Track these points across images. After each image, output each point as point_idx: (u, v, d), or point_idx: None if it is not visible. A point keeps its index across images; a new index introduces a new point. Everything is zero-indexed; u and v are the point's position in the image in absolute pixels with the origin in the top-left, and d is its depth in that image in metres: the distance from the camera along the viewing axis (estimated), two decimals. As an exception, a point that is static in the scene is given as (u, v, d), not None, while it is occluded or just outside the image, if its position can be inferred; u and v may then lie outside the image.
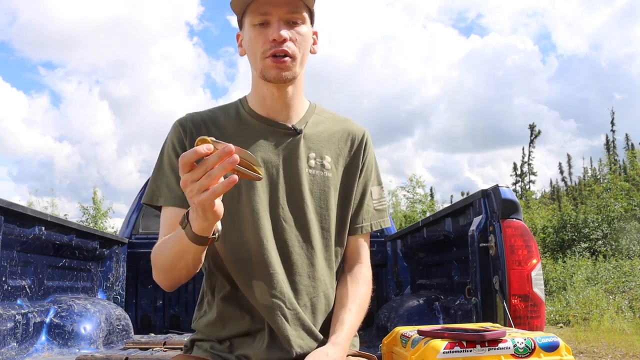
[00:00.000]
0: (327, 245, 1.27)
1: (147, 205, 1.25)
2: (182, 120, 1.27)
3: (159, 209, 1.25)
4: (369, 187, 1.33)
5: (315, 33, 1.28)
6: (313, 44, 1.28)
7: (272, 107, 1.26)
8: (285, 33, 1.17)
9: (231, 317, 1.23)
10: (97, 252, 2.91)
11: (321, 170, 1.27)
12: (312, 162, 1.27)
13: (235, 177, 0.92)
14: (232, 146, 0.90)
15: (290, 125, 1.26)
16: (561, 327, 7.81)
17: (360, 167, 1.32)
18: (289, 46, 1.18)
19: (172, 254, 1.11)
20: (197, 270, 1.16)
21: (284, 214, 1.23)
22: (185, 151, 1.21)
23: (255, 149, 1.23)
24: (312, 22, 1.26)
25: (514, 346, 1.13)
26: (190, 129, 1.24)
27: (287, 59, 1.18)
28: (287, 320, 1.19)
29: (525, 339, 1.15)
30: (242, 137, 1.25)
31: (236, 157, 0.90)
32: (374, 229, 1.34)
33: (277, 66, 1.18)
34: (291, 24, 1.19)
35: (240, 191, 1.22)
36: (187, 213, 1.01)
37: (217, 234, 1.04)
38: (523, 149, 26.86)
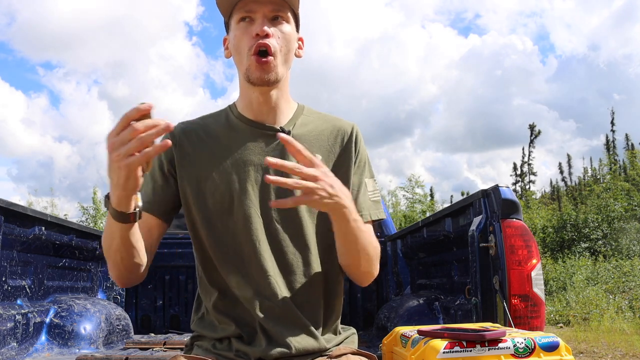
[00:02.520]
0: (322, 243, 1.27)
1: None
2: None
3: None
4: (363, 180, 1.33)
5: (300, 39, 1.31)
6: (298, 49, 1.30)
7: (259, 110, 1.28)
8: (268, 29, 1.20)
9: (225, 322, 1.23)
10: (97, 252, 2.91)
11: None
12: None
13: (169, 142, 0.92)
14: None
15: (278, 127, 1.27)
16: (561, 327, 7.82)
17: (353, 161, 1.31)
18: (271, 41, 1.20)
19: (105, 239, 1.11)
20: (134, 260, 1.13)
21: (276, 215, 1.24)
22: (172, 160, 1.25)
23: (245, 152, 1.25)
24: (297, 28, 1.28)
25: (514, 346, 1.13)
26: (180, 138, 1.27)
27: (270, 58, 1.20)
28: (280, 321, 1.19)
29: (525, 339, 1.15)
30: (231, 140, 1.27)
31: (170, 124, 0.89)
32: (373, 219, 1.32)
33: (261, 67, 1.20)
34: (275, 22, 1.22)
35: (232, 195, 1.23)
36: (109, 193, 1.01)
37: (137, 210, 1.04)
38: (523, 149, 26.88)
